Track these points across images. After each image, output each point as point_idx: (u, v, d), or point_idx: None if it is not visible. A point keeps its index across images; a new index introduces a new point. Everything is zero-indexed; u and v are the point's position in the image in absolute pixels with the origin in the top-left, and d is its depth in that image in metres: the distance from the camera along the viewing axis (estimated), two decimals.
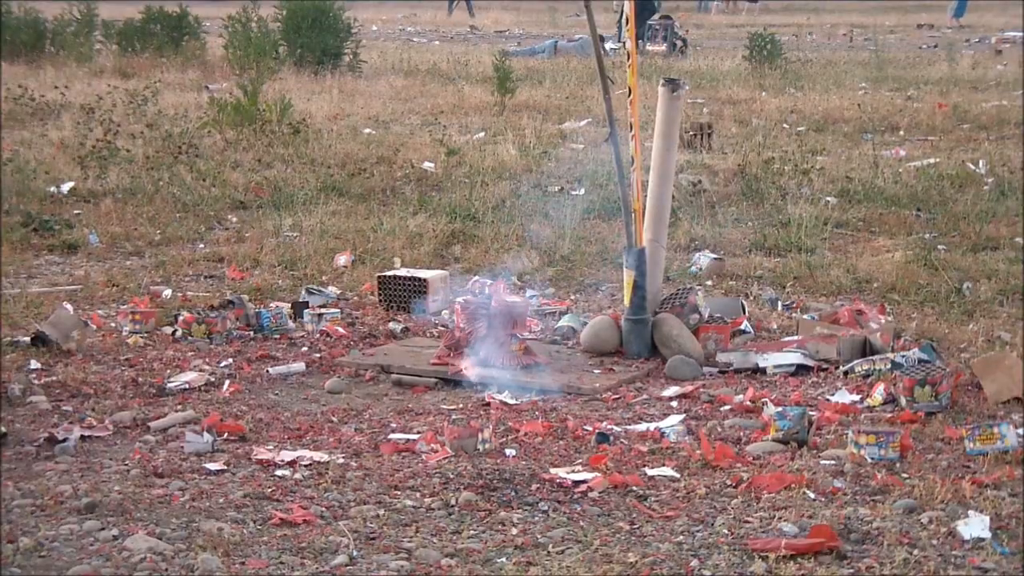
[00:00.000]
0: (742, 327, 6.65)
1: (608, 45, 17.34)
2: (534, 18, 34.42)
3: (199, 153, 11.44)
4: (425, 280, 6.97)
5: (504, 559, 4.02)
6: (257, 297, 7.21)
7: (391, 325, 6.74)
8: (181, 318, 6.70)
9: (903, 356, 5.99)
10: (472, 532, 4.23)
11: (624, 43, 6.56)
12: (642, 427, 5.25)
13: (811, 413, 5.26)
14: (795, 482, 4.60)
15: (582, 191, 10.03)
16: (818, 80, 18.14)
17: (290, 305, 6.93)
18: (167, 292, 7.41)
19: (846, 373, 5.96)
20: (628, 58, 6.30)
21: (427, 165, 11.24)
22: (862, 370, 5.94)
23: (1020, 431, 5.05)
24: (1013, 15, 30.15)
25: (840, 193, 10.19)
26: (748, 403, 5.53)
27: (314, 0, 20.19)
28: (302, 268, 7.95)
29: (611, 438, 5.10)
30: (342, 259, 8.07)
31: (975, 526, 4.20)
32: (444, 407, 5.58)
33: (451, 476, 4.70)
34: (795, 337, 6.44)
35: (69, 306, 6.89)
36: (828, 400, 5.61)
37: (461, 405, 5.61)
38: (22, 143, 12.20)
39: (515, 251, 7.76)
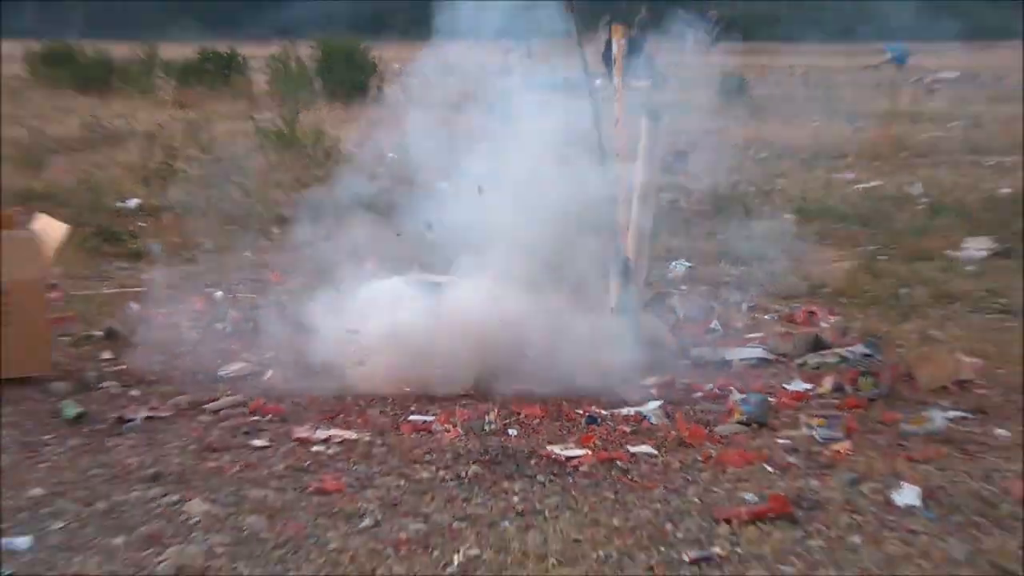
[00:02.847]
0: (712, 326, 6.68)
1: (597, 82, 17.23)
2: None
3: (246, 174, 11.46)
4: None
5: (507, 523, 4.04)
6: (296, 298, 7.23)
7: None
8: (231, 316, 6.74)
9: (849, 351, 6.03)
10: (479, 500, 4.25)
11: (612, 79, 6.58)
12: (626, 411, 5.27)
13: (770, 399, 5.30)
14: (756, 458, 4.63)
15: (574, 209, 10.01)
16: (778, 113, 18.12)
17: None
18: (219, 294, 7.45)
19: (800, 365, 5.99)
20: (616, 93, 6.32)
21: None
22: (814, 363, 5.97)
23: (947, 415, 5.09)
24: (944, 59, 30.20)
25: (797, 211, 10.21)
26: (716, 391, 5.57)
27: (344, 41, 20.22)
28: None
29: (599, 420, 5.13)
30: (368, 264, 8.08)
31: (908, 495, 4.23)
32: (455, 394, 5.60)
33: (462, 452, 4.73)
34: (757, 334, 6.47)
35: (135, 305, 6.93)
36: (785, 388, 5.64)
37: (471, 392, 5.63)
38: (94, 165, 12.24)
39: None
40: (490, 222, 5.82)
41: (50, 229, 6.05)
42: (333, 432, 4.95)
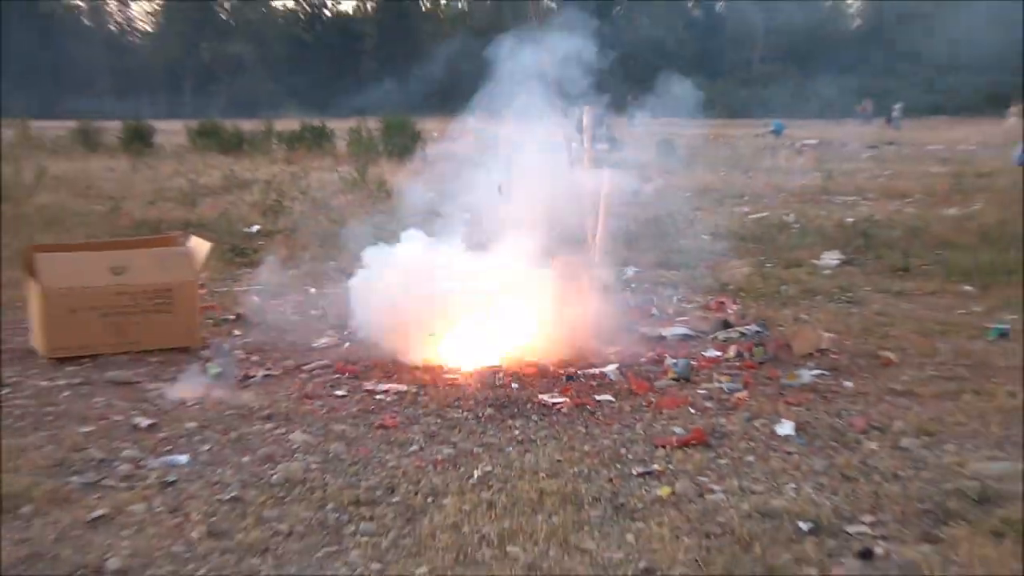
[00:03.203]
0: (653, 312, 6.65)
1: (573, 144, 17.21)
2: None
3: (331, 208, 11.46)
4: None
5: (511, 448, 4.01)
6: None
7: None
8: (320, 305, 6.69)
9: (747, 329, 5.99)
10: (492, 432, 4.22)
11: (583, 143, 6.57)
12: (593, 371, 5.23)
13: (693, 363, 5.26)
14: (683, 403, 4.60)
15: (557, 229, 9.96)
16: (697, 165, 18.09)
17: None
18: (313, 290, 7.40)
19: (713, 339, 5.96)
20: (585, 152, 6.30)
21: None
22: (723, 337, 5.94)
23: (812, 373, 5.05)
24: (808, 130, 30.18)
25: (711, 233, 10.17)
26: (656, 357, 5.53)
27: (399, 117, 20.30)
28: None
29: (575, 377, 5.09)
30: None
31: (786, 428, 4.20)
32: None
33: (480, 399, 4.69)
34: (684, 318, 6.44)
35: (256, 298, 6.90)
36: (703, 355, 5.60)
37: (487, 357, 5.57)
38: (230, 203, 12.23)
39: None
40: (499, 237, 5.80)
41: (200, 246, 6.01)
42: (391, 386, 4.92)
